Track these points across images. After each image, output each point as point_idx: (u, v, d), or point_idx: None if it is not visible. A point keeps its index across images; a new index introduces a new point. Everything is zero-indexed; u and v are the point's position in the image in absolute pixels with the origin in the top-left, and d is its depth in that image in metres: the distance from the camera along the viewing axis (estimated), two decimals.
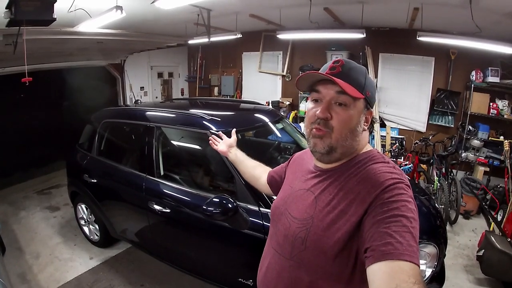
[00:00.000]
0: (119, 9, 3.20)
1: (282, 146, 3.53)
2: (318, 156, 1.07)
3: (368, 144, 1.13)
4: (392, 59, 5.91)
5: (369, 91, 1.04)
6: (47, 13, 2.71)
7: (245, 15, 4.97)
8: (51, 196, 5.32)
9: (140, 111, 3.36)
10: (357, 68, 1.05)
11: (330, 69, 1.04)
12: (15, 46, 3.44)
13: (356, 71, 1.04)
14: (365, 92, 1.03)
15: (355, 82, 1.01)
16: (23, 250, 3.76)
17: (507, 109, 5.06)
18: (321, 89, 1.03)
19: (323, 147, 1.03)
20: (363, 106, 1.04)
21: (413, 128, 5.97)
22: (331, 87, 1.01)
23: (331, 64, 1.05)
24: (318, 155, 1.06)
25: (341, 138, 1.01)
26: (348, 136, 1.02)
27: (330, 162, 1.08)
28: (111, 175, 3.34)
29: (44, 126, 6.03)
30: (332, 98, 1.01)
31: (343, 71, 1.02)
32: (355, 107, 1.01)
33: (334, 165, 1.08)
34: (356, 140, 1.04)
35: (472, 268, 3.52)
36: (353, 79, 1.01)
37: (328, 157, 1.05)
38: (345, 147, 1.03)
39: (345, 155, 1.06)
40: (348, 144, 1.03)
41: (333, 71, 1.02)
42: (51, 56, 5.58)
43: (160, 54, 8.03)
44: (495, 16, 3.56)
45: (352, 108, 1.01)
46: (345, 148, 1.03)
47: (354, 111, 1.01)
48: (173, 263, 2.97)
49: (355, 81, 1.01)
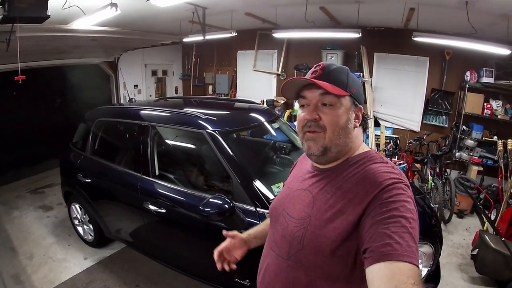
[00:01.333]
0: (114, 6, 3.17)
1: (278, 146, 3.52)
2: (314, 158, 1.08)
3: (364, 144, 1.13)
4: (387, 58, 5.93)
5: (353, 88, 1.06)
6: (41, 10, 2.68)
7: (240, 13, 4.96)
8: (44, 196, 5.26)
9: (134, 110, 3.33)
10: (338, 68, 1.08)
11: (312, 73, 1.07)
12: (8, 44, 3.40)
13: (337, 71, 1.06)
14: (349, 89, 1.05)
15: (337, 82, 1.03)
16: (16, 250, 3.72)
17: (501, 109, 5.11)
18: (307, 94, 1.06)
19: (318, 149, 1.04)
20: (350, 103, 1.05)
21: (408, 128, 6.01)
22: (315, 91, 1.04)
23: (313, 69, 1.08)
24: (314, 157, 1.07)
25: (334, 137, 1.02)
26: (340, 134, 1.03)
27: (327, 163, 1.08)
28: (106, 174, 3.30)
29: (37, 124, 5.97)
30: (318, 100, 1.04)
31: (324, 73, 1.05)
32: (342, 105, 1.03)
33: (331, 164, 1.08)
34: (349, 137, 1.05)
35: (466, 267, 3.55)
36: (335, 79, 1.04)
37: (324, 158, 1.06)
38: (339, 146, 1.04)
39: (341, 154, 1.06)
40: (342, 143, 1.04)
41: (315, 75, 1.06)
42: (45, 54, 5.51)
43: (154, 52, 7.97)
44: (491, 18, 3.59)
45: (338, 106, 1.03)
46: (340, 147, 1.04)
47: (342, 109, 1.03)
48: (168, 263, 2.95)
49: (337, 80, 1.04)
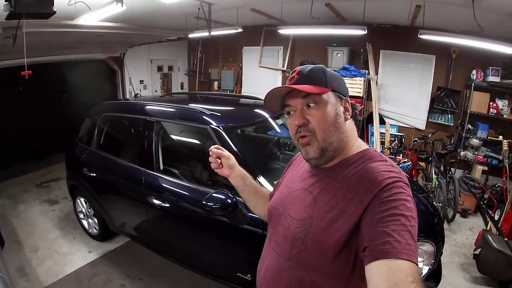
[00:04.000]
0: (120, 2, 3.19)
1: (282, 142, 3.53)
2: (314, 162, 1.08)
3: (360, 140, 1.13)
4: (393, 56, 5.89)
5: (333, 83, 1.06)
6: (47, 6, 2.70)
7: (246, 9, 4.95)
8: (50, 190, 5.32)
9: (140, 105, 3.36)
10: (313, 68, 1.07)
11: (290, 80, 1.08)
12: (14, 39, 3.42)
13: (313, 71, 1.06)
14: (329, 84, 1.05)
15: (316, 81, 1.04)
16: (22, 243, 3.77)
17: (506, 108, 5.06)
18: (290, 102, 1.08)
19: (315, 152, 1.05)
20: (335, 97, 1.06)
21: (413, 126, 5.97)
22: (297, 95, 1.05)
23: (290, 76, 1.09)
24: (314, 161, 1.08)
25: (326, 135, 1.03)
26: (332, 131, 1.03)
27: (327, 163, 1.09)
28: (111, 169, 3.34)
29: (43, 119, 6.01)
30: (302, 104, 1.05)
31: (301, 77, 1.06)
32: (327, 102, 1.04)
33: (330, 164, 1.08)
34: (342, 132, 1.05)
35: (468, 267, 3.54)
36: (312, 79, 1.04)
37: (324, 159, 1.06)
38: (334, 143, 1.04)
39: (339, 151, 1.06)
40: (336, 139, 1.04)
41: (292, 81, 1.07)
42: (51, 49, 5.54)
43: (160, 47, 7.97)
44: (498, 16, 3.55)
45: (324, 104, 1.03)
46: (335, 144, 1.05)
47: (327, 105, 1.03)
48: (171, 257, 2.99)
49: (315, 80, 1.04)
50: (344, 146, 1.07)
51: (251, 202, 1.48)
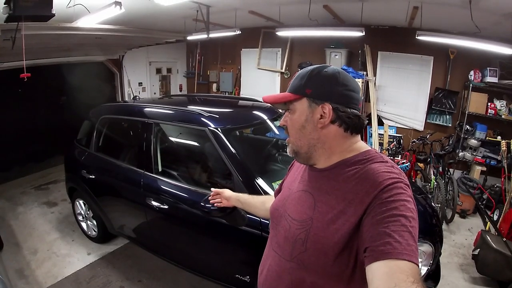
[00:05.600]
0: (118, 4, 3.19)
1: (280, 143, 3.54)
2: (298, 160, 1.16)
3: (362, 142, 1.11)
4: (391, 57, 5.91)
5: (309, 89, 1.04)
6: (46, 8, 2.71)
7: (244, 11, 4.97)
8: (49, 192, 5.31)
9: (138, 107, 3.36)
10: (299, 74, 1.10)
11: None
12: (13, 41, 3.43)
13: (296, 77, 1.10)
14: (303, 91, 1.05)
15: (292, 88, 1.08)
16: (20, 245, 3.76)
17: (505, 109, 5.07)
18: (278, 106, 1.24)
19: (291, 152, 1.13)
20: (308, 104, 1.04)
21: (411, 127, 5.99)
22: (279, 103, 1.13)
23: None
24: (297, 159, 1.16)
25: (295, 139, 1.10)
26: (299, 137, 1.08)
27: (306, 163, 1.14)
28: (109, 171, 3.34)
29: (42, 121, 6.03)
30: (285, 109, 1.13)
31: (292, 81, 1.11)
32: (298, 109, 1.07)
33: (329, 163, 1.08)
34: (312, 138, 1.05)
35: (467, 267, 3.54)
36: (292, 86, 1.09)
37: (300, 159, 1.13)
38: (304, 147, 1.08)
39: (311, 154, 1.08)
40: (304, 144, 1.07)
41: None
42: (49, 52, 5.54)
43: (158, 49, 7.99)
44: (495, 17, 3.57)
45: (293, 111, 1.08)
46: (305, 148, 1.08)
47: (296, 113, 1.07)
48: (170, 259, 2.98)
49: (293, 87, 1.08)
50: (320, 152, 1.06)
51: (252, 210, 1.61)
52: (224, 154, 2.48)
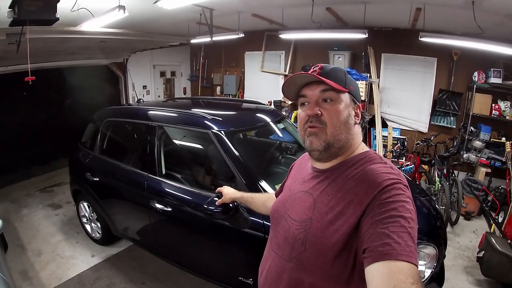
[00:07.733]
0: (122, 8, 3.21)
1: (284, 146, 3.54)
2: (317, 154, 1.08)
3: (363, 143, 1.13)
4: (394, 59, 5.90)
5: (351, 86, 1.09)
6: (50, 12, 2.73)
7: (247, 14, 4.98)
8: (53, 194, 5.35)
9: (142, 111, 3.38)
10: (336, 68, 1.10)
11: (312, 72, 1.08)
12: (18, 45, 3.46)
13: (335, 70, 1.09)
14: (348, 86, 1.07)
15: (336, 79, 1.05)
16: (25, 247, 3.79)
17: (509, 110, 5.05)
18: (307, 92, 1.08)
19: (320, 144, 1.05)
20: (350, 100, 1.08)
21: (415, 129, 5.96)
22: (315, 88, 1.06)
23: (311, 70, 1.09)
24: (316, 153, 1.07)
25: (336, 131, 1.04)
26: (342, 129, 1.04)
27: (329, 160, 1.09)
28: (113, 173, 3.36)
29: (46, 124, 6.07)
30: (318, 97, 1.06)
31: (323, 72, 1.07)
32: (342, 101, 1.05)
33: (331, 164, 1.09)
34: (350, 133, 1.06)
35: (472, 269, 3.52)
36: (334, 76, 1.06)
37: (327, 154, 1.06)
38: (341, 141, 1.05)
39: (342, 150, 1.07)
40: (344, 138, 1.05)
41: (314, 73, 1.07)
42: (54, 55, 5.60)
43: (162, 53, 8.04)
44: (498, 17, 3.56)
45: (339, 102, 1.05)
46: (341, 142, 1.05)
47: (342, 104, 1.05)
48: (174, 261, 2.99)
49: (336, 78, 1.06)
50: (348, 147, 1.08)
51: (252, 206, 1.65)
52: (227, 157, 2.48)
